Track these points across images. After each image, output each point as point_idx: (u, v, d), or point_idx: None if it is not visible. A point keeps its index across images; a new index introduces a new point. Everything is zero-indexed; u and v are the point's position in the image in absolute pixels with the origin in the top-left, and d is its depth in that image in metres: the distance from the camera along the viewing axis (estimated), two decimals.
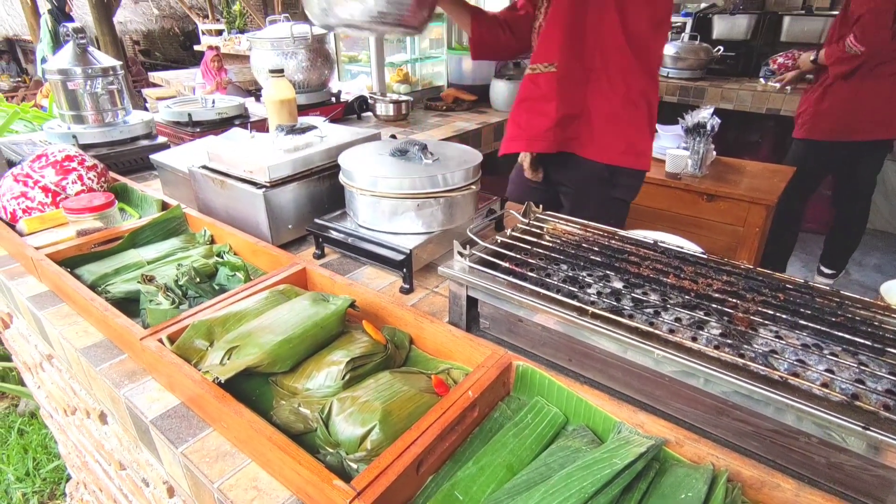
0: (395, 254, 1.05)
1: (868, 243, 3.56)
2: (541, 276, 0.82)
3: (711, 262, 0.83)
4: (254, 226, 1.21)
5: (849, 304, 0.73)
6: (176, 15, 12.15)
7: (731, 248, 2.32)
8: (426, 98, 2.71)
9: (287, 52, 2.19)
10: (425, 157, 1.14)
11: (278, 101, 1.77)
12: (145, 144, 1.74)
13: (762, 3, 3.69)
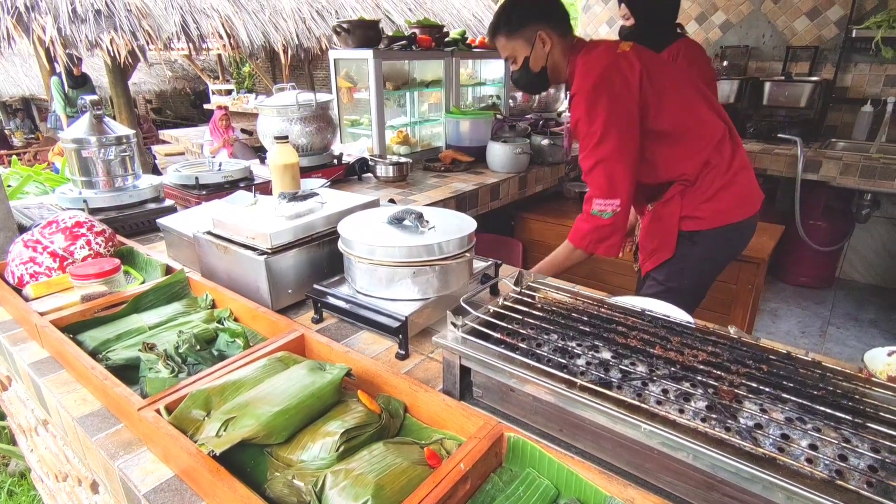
0: (391, 321, 1.08)
1: (863, 298, 3.58)
2: (531, 347, 0.84)
3: (697, 332, 0.85)
4: (255, 290, 1.24)
5: (830, 375, 0.75)
6: (188, 76, 12.71)
7: (726, 305, 2.34)
8: (425, 159, 2.82)
9: (292, 118, 2.30)
10: (421, 226, 1.18)
11: (282, 166, 1.85)
12: (153, 207, 1.80)
13: (744, 70, 3.89)
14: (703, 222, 1.60)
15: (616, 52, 1.53)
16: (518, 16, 1.59)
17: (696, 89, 1.62)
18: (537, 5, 1.60)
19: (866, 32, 3.30)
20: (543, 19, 1.58)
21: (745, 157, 1.64)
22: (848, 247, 3.79)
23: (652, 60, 1.56)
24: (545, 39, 1.58)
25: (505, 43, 1.64)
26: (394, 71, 2.78)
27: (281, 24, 5.89)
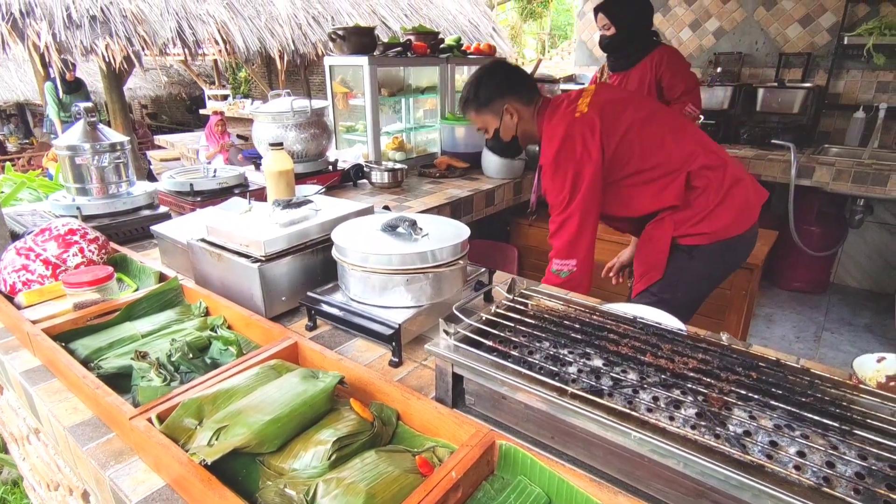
0: (384, 328, 1.08)
1: (858, 303, 3.60)
2: (523, 354, 0.84)
3: (688, 340, 0.86)
4: (248, 298, 1.24)
5: (819, 382, 0.76)
6: (184, 81, 12.71)
7: (720, 311, 2.35)
8: (420, 165, 2.83)
9: (287, 124, 2.30)
10: (415, 233, 1.19)
11: (277, 173, 1.85)
12: (147, 214, 1.80)
13: (738, 76, 3.92)
14: (701, 238, 1.61)
15: (574, 116, 1.60)
16: (485, 92, 1.70)
17: (662, 122, 1.64)
18: (502, 81, 1.69)
19: (858, 39, 3.34)
20: (509, 93, 1.68)
21: (735, 171, 1.63)
22: (842, 252, 3.81)
23: (612, 108, 1.60)
24: (512, 112, 1.69)
25: (475, 116, 1.76)
26: (389, 77, 2.80)
27: (277, 30, 5.91)
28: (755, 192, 1.67)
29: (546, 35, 15.38)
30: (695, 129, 1.72)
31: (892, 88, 3.46)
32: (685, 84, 2.54)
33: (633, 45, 2.56)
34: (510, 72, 1.72)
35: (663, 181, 1.61)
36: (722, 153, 1.68)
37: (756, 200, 1.66)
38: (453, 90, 2.96)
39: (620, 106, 1.62)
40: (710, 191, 1.60)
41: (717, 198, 1.59)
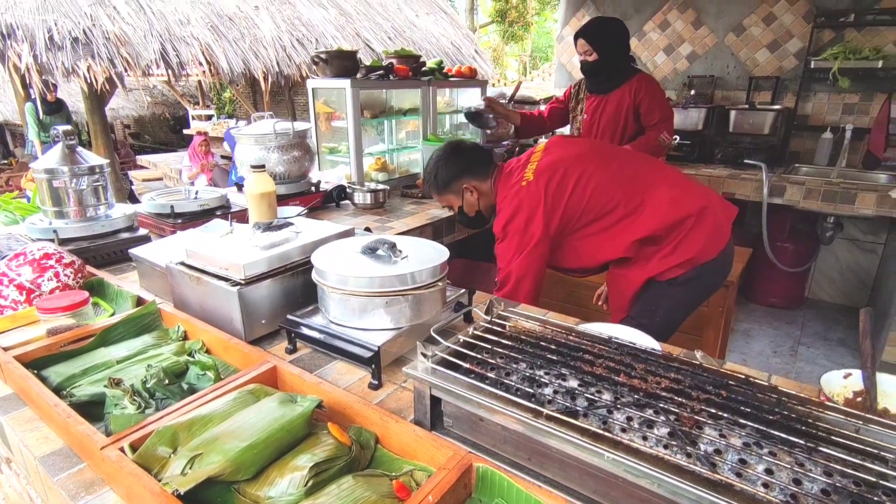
0: (364, 351, 1.08)
1: (832, 318, 3.68)
2: (500, 376, 0.85)
3: (661, 359, 0.88)
4: (228, 321, 1.23)
5: (786, 399, 0.78)
6: (168, 101, 12.67)
7: (698, 327, 2.39)
8: (403, 186, 2.85)
9: (269, 146, 2.32)
10: (394, 255, 1.20)
11: (259, 195, 1.86)
12: (126, 237, 1.78)
13: (711, 98, 4.05)
14: (676, 270, 1.64)
15: (521, 186, 1.69)
16: (443, 175, 1.81)
17: (616, 165, 1.70)
18: (459, 163, 1.81)
19: (824, 63, 3.48)
20: (467, 173, 1.79)
21: (700, 197, 1.66)
22: (815, 268, 3.91)
23: (560, 169, 1.67)
24: (471, 189, 1.80)
25: (438, 197, 1.90)
26: (371, 99, 2.83)
27: (261, 51, 5.95)
28: (724, 211, 1.71)
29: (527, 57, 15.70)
30: (657, 165, 1.78)
31: (857, 110, 3.60)
32: (661, 113, 2.61)
33: (613, 71, 2.64)
34: (465, 152, 1.83)
35: (622, 225, 1.66)
36: (686, 184, 1.72)
37: (725, 219, 1.70)
38: (435, 112, 3.00)
39: (568, 163, 1.68)
40: (677, 224, 1.63)
41: (684, 228, 1.63)
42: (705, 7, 4.02)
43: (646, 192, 1.65)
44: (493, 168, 1.81)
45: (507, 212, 1.70)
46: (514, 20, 14.20)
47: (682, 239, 1.63)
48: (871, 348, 0.97)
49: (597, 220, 1.67)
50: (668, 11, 4.18)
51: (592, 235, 1.69)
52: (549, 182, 1.66)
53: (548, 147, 1.78)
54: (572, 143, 1.82)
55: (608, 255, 1.70)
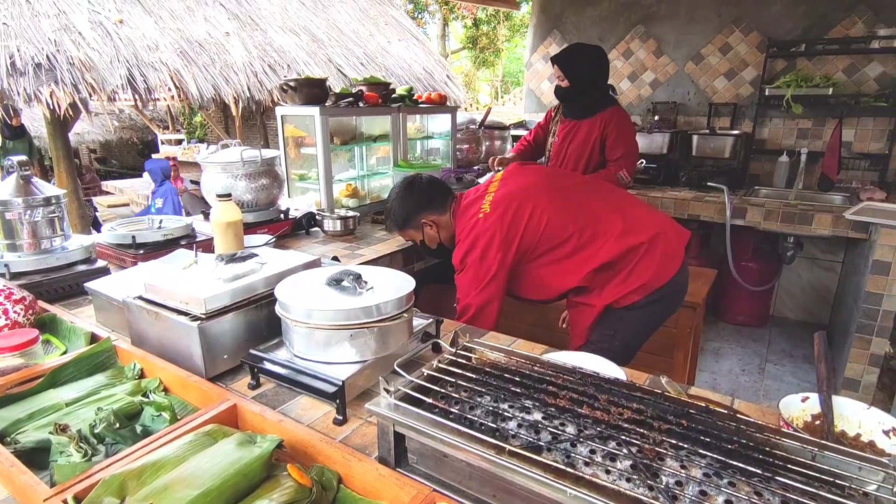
0: (328, 386, 1.06)
1: (796, 335, 3.79)
2: (464, 411, 0.84)
3: (624, 389, 0.88)
4: (187, 357, 1.19)
5: (745, 427, 0.79)
6: (136, 126, 12.47)
7: (668, 348, 2.42)
8: (373, 212, 2.84)
9: (237, 174, 2.29)
10: (359, 287, 1.19)
11: (224, 224, 1.82)
12: (83, 270, 1.72)
13: (674, 124, 4.19)
14: (631, 296, 1.69)
15: (477, 218, 1.73)
16: (401, 212, 1.86)
17: (572, 198, 1.75)
18: (416, 199, 1.84)
19: (777, 91, 3.65)
20: (425, 208, 1.83)
21: (652, 225, 1.72)
22: (778, 286, 4.03)
23: (515, 200, 1.71)
24: (430, 223, 1.84)
25: (400, 234, 1.96)
26: (341, 126, 2.84)
27: (232, 77, 5.92)
28: (676, 237, 1.76)
29: (499, 81, 16.06)
30: (611, 193, 1.83)
31: (810, 135, 3.77)
32: (625, 149, 2.67)
33: (586, 99, 2.68)
34: (421, 187, 1.85)
35: (577, 255, 1.69)
36: (638, 212, 1.77)
37: (678, 244, 1.75)
38: (405, 138, 3.02)
39: (523, 194, 1.72)
40: (629, 252, 1.68)
41: (636, 256, 1.68)
42: (665, 37, 4.18)
43: (598, 223, 1.70)
44: (452, 199, 1.85)
45: (465, 244, 1.73)
46: (484, 46, 14.56)
47: (635, 266, 1.68)
48: (826, 371, 1.00)
49: (552, 250, 1.70)
50: (631, 41, 4.34)
51: (549, 265, 1.71)
52: (505, 214, 1.69)
53: (504, 177, 1.82)
54: (527, 173, 1.85)
55: (566, 285, 1.74)
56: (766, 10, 3.74)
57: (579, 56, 2.64)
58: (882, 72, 3.46)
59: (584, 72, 2.63)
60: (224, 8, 6.52)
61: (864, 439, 0.95)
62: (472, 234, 1.72)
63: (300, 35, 7.11)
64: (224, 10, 6.52)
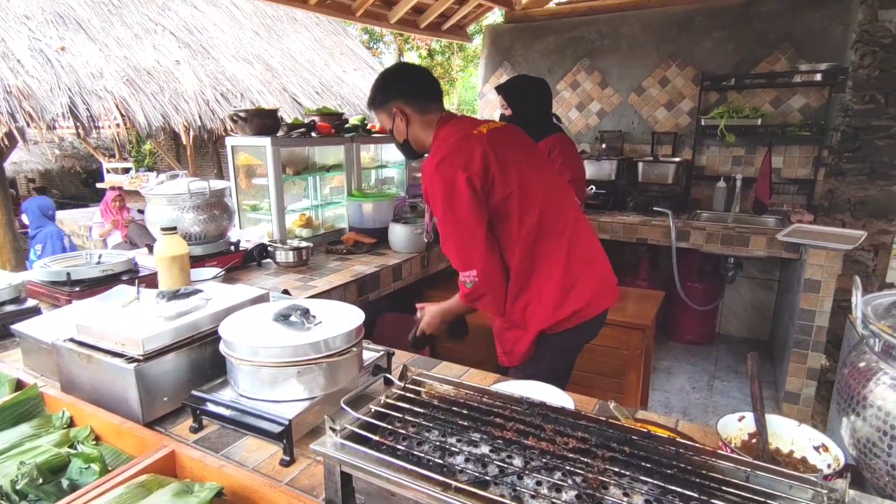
0: (274, 425, 1.03)
1: (740, 351, 3.95)
2: (411, 447, 0.83)
3: (569, 418, 0.89)
4: (123, 402, 1.13)
5: (683, 451, 0.81)
6: (79, 155, 11.95)
7: (621, 371, 2.48)
8: (328, 242, 2.81)
9: (184, 206, 2.23)
10: (307, 322, 1.17)
11: (169, 258, 1.76)
12: (11, 310, 1.62)
13: (620, 151, 4.38)
14: (556, 326, 1.63)
15: (471, 131, 1.61)
16: (381, 93, 1.72)
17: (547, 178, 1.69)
18: (395, 84, 1.71)
19: (712, 121, 3.88)
20: (400, 97, 1.68)
21: (588, 253, 1.68)
22: (722, 305, 4.21)
23: (506, 145, 1.62)
24: (400, 115, 1.68)
25: (375, 115, 1.79)
26: (294, 156, 2.82)
27: (182, 105, 5.81)
28: (607, 276, 1.73)
29: (455, 109, 16.40)
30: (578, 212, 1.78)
31: (744, 161, 4.02)
32: (572, 174, 2.75)
33: (529, 127, 2.77)
34: (407, 76, 1.74)
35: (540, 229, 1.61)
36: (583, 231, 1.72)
37: (609, 285, 1.73)
38: (359, 167, 3.03)
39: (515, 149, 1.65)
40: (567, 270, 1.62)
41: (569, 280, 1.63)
42: (609, 70, 4.40)
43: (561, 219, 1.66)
44: (434, 108, 1.70)
45: (449, 146, 1.58)
46: (440, 76, 14.87)
47: (572, 288, 1.62)
48: (758, 391, 1.04)
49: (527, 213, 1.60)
50: (577, 73, 4.54)
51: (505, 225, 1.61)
52: (497, 140, 1.60)
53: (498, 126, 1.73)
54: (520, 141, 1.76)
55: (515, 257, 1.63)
56: (699, 47, 4.01)
57: (521, 86, 2.74)
58: (805, 103, 3.75)
59: (526, 101, 2.72)
60: (174, 36, 6.43)
61: (797, 456, 0.99)
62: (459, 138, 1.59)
63: (254, 64, 7.08)
64: (174, 38, 6.44)
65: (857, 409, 0.82)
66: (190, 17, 6.85)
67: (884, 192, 3.48)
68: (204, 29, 6.93)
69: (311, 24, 8.64)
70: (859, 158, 3.50)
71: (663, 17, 4.11)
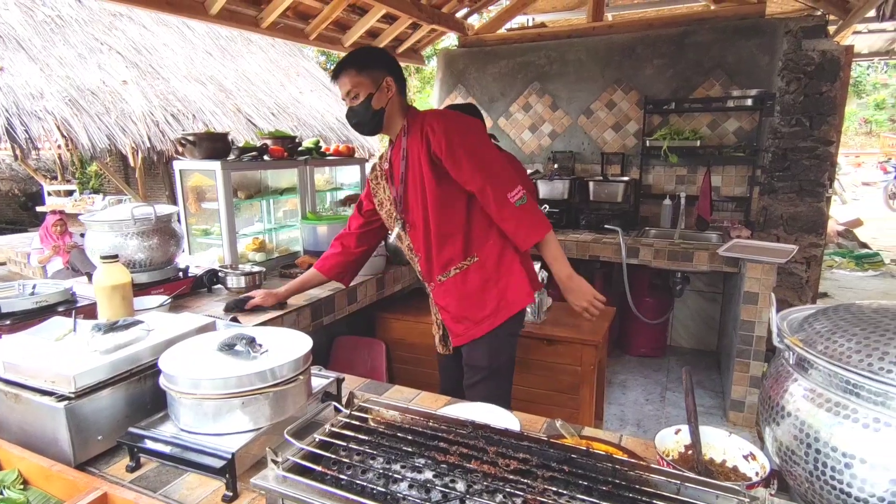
0: (215, 460, 1.00)
1: (690, 362, 4.10)
2: (355, 476, 0.83)
3: (512, 439, 0.91)
4: (53, 443, 1.08)
5: (619, 467, 0.84)
6: (17, 177, 11.36)
7: (574, 387, 2.53)
8: (282, 265, 2.77)
9: (127, 233, 2.15)
10: (253, 351, 1.15)
11: (109, 288, 1.70)
12: None
13: (572, 171, 4.53)
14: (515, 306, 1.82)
15: None
16: (371, 59, 1.75)
17: None
18: (387, 58, 1.79)
19: (656, 143, 4.07)
20: (392, 74, 1.75)
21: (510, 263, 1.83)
22: (673, 318, 4.37)
23: None
24: (390, 86, 1.74)
25: (353, 77, 1.71)
26: (246, 180, 2.78)
27: (130, 126, 5.64)
28: None
29: None
30: None
31: (687, 181, 4.22)
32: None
33: None
34: (398, 63, 1.81)
35: None
36: None
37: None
38: (313, 190, 3.01)
39: None
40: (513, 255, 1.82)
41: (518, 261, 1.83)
42: (558, 93, 4.57)
43: None
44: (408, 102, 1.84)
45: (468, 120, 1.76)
46: None
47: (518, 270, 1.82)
48: (693, 404, 1.09)
49: None
50: (529, 96, 4.69)
51: None
52: None
53: None
54: None
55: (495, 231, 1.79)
56: (641, 73, 4.22)
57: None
58: (738, 126, 3.99)
59: None
60: (121, 56, 6.27)
61: (729, 465, 1.05)
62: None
63: (207, 85, 6.96)
64: (122, 57, 6.27)
65: (777, 418, 0.87)
66: (138, 36, 6.69)
67: (812, 209, 3.73)
68: (154, 49, 6.78)
69: (267, 46, 8.60)
70: (789, 177, 3.74)
71: (607, 44, 4.32)
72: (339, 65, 1.75)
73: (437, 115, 1.74)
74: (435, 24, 4.47)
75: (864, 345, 0.78)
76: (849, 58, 3.96)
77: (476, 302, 1.81)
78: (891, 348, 0.76)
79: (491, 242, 1.79)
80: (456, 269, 1.81)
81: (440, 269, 1.83)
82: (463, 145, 1.66)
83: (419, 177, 1.74)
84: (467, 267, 1.80)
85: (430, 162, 1.70)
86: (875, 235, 8.57)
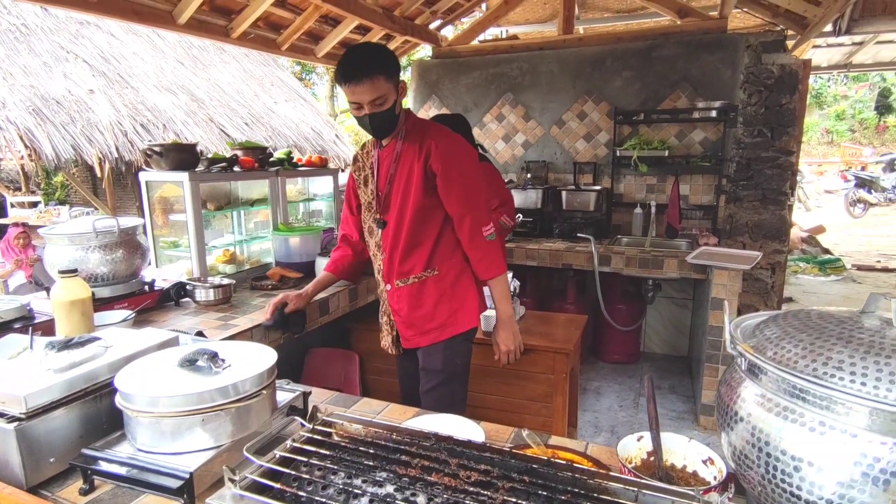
0: (173, 480, 0.98)
1: (663, 368, 4.17)
2: (315, 492, 0.82)
3: (474, 451, 0.91)
4: (4, 466, 1.04)
5: (579, 476, 0.85)
6: None
7: (548, 395, 2.54)
8: (252, 277, 2.73)
9: (89, 246, 2.10)
10: (215, 366, 1.13)
11: (68, 303, 1.65)
12: None
13: (545, 180, 4.59)
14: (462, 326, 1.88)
15: None
16: (393, 62, 1.68)
17: None
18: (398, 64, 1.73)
19: (626, 152, 4.16)
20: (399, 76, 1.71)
21: None
22: (645, 324, 4.45)
23: None
24: (405, 88, 1.74)
25: (383, 83, 1.63)
26: (215, 191, 2.74)
27: (97, 136, 5.51)
28: None
29: None
30: None
31: (656, 189, 4.32)
32: (501, 197, 2.87)
33: None
34: None
35: None
36: None
37: None
38: (285, 201, 2.99)
39: None
40: None
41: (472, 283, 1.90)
42: (531, 104, 4.64)
43: None
44: None
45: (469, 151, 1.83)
46: None
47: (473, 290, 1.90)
48: (654, 411, 1.11)
49: None
50: (503, 106, 4.75)
51: None
52: None
53: None
54: None
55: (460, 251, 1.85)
56: (611, 85, 4.31)
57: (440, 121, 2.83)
58: (704, 137, 4.11)
59: None
60: (88, 64, 6.14)
61: (689, 470, 1.06)
62: None
63: (178, 94, 6.86)
64: (88, 66, 6.14)
65: (731, 423, 0.89)
66: (106, 45, 6.56)
67: (775, 216, 3.85)
68: (122, 57, 6.65)
69: (240, 55, 8.52)
70: (752, 186, 3.86)
71: (578, 56, 4.41)
72: (363, 70, 1.60)
73: (444, 135, 1.78)
74: (408, 35, 4.50)
75: (809, 350, 0.81)
76: (807, 71, 4.13)
77: (427, 313, 1.87)
78: (834, 353, 0.79)
79: (454, 261, 1.86)
80: (415, 277, 1.86)
81: (401, 273, 1.88)
82: (460, 172, 1.74)
83: (405, 182, 1.78)
84: (426, 278, 1.85)
85: (424, 173, 1.74)
86: (837, 241, 8.89)
